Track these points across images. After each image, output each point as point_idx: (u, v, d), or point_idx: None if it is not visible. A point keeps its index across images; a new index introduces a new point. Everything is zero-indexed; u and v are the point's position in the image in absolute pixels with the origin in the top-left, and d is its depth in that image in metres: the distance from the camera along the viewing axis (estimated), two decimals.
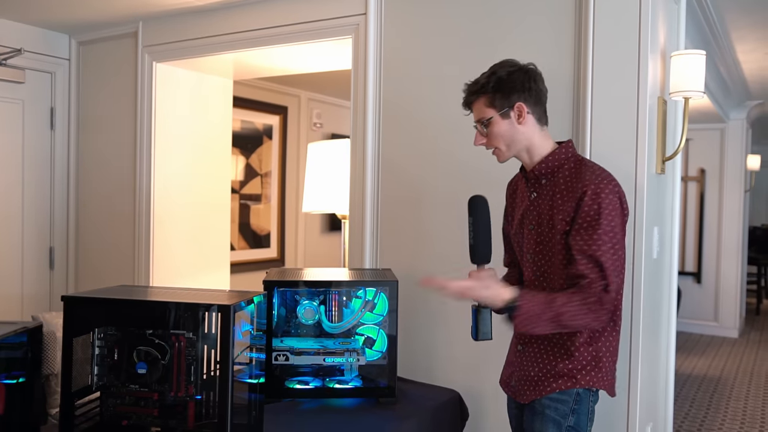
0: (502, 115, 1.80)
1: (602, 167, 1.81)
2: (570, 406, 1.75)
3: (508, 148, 1.84)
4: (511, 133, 1.81)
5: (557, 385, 1.76)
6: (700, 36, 3.86)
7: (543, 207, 1.82)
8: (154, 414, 1.67)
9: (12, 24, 3.48)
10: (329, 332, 2.19)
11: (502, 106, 1.80)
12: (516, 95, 1.79)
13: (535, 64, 1.87)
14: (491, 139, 1.84)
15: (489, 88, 1.81)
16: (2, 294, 3.53)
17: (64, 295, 1.62)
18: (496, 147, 1.84)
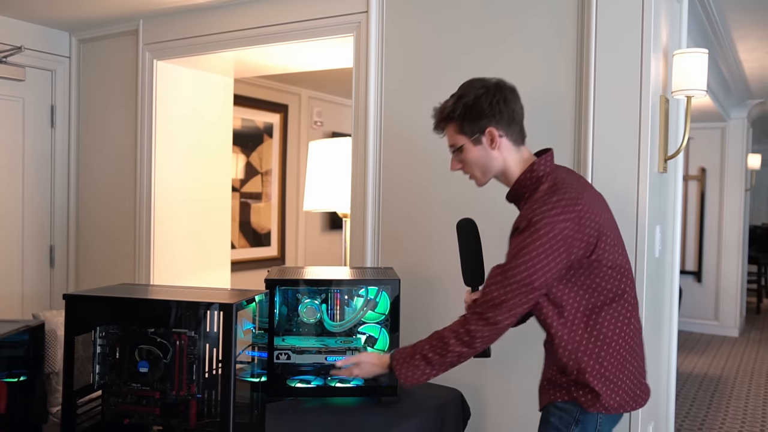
0: (473, 141, 1.75)
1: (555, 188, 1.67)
2: (575, 417, 1.69)
3: (483, 174, 1.79)
4: (485, 159, 1.76)
5: (559, 395, 1.72)
6: (702, 35, 3.86)
7: None
8: (155, 413, 1.67)
9: (12, 21, 3.47)
10: (331, 331, 2.19)
11: (473, 132, 1.74)
12: (485, 120, 1.73)
13: (504, 80, 1.79)
14: (465, 165, 1.80)
15: (456, 115, 1.75)
16: (2, 292, 3.53)
17: (65, 293, 1.61)
18: (471, 173, 1.81)
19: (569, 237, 1.61)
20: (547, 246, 1.60)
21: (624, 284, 1.71)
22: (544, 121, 2.40)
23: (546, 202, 1.63)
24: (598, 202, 1.74)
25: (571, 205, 1.62)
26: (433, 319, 2.62)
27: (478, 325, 1.67)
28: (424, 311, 2.63)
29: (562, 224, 1.60)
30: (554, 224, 1.60)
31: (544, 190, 1.68)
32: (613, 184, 2.25)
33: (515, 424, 2.47)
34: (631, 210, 2.25)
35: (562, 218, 1.60)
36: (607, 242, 1.67)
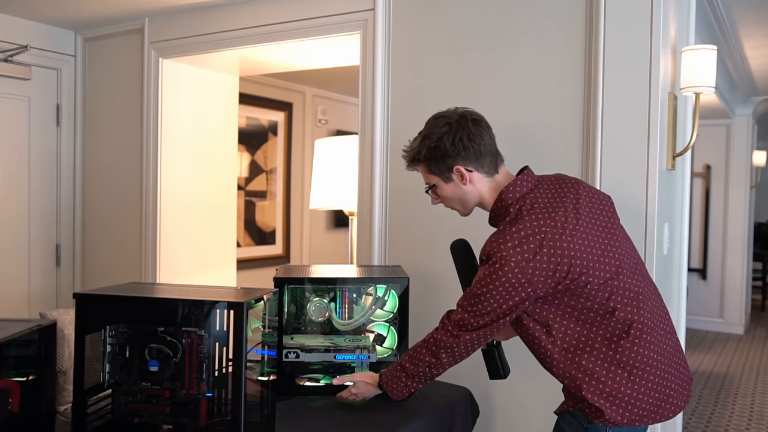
0: (444, 179, 1.77)
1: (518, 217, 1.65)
2: (583, 425, 1.66)
3: (463, 207, 1.82)
4: (460, 194, 1.78)
5: (571, 404, 1.70)
6: (709, 32, 3.85)
7: None
8: (165, 412, 1.67)
9: (18, 20, 3.47)
10: (339, 329, 2.19)
11: (441, 171, 1.76)
12: (451, 159, 1.73)
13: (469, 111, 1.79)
14: (444, 201, 1.83)
15: (422, 157, 1.77)
16: (10, 291, 3.53)
17: (76, 292, 1.61)
18: (452, 207, 1.84)
19: (527, 269, 1.56)
20: (504, 279, 1.58)
21: (615, 303, 1.62)
22: (552, 119, 2.39)
23: (504, 234, 1.62)
24: (580, 219, 1.65)
25: (530, 235, 1.58)
26: (440, 317, 2.62)
27: (442, 335, 1.75)
28: (432, 309, 2.62)
29: (519, 256, 1.57)
30: (509, 257, 1.57)
31: (507, 221, 1.67)
32: (621, 181, 2.25)
33: (524, 422, 2.47)
34: (640, 207, 2.24)
35: (519, 250, 1.57)
36: (583, 266, 1.59)
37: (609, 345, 1.62)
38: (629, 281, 1.65)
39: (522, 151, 2.34)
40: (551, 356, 1.66)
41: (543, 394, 2.40)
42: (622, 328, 1.62)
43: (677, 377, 1.69)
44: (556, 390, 1.79)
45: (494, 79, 2.52)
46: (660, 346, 1.66)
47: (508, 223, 1.65)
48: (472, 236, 2.47)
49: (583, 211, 1.67)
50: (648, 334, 1.64)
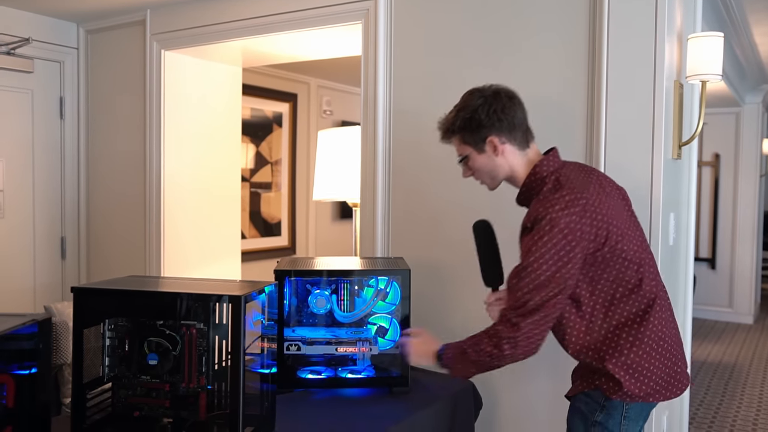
0: (477, 150, 1.80)
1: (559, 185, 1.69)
2: (600, 402, 1.70)
3: (492, 180, 1.84)
4: (491, 166, 1.81)
5: (587, 384, 1.74)
6: (717, 18, 3.79)
7: None
8: (165, 405, 1.66)
9: (20, 13, 3.46)
10: (341, 322, 2.17)
11: (475, 142, 1.79)
12: (485, 130, 1.77)
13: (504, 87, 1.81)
14: (475, 173, 1.85)
15: (457, 128, 1.81)
16: (15, 284, 3.54)
17: (73, 286, 1.61)
18: (481, 180, 1.86)
19: (576, 230, 1.61)
20: (555, 241, 1.60)
21: (642, 275, 1.69)
22: (556, 108, 2.36)
23: (549, 200, 1.65)
24: (608, 195, 1.74)
25: (574, 200, 1.63)
26: (444, 309, 2.61)
27: (502, 326, 1.67)
28: (435, 301, 2.62)
29: (567, 218, 1.61)
30: (559, 219, 1.60)
31: (547, 189, 1.70)
32: (626, 171, 2.22)
33: (527, 414, 2.46)
34: (645, 197, 2.21)
35: (567, 212, 1.61)
36: (619, 234, 1.67)
37: (635, 319, 1.68)
38: (651, 257, 1.77)
39: None
40: (577, 331, 1.70)
41: (545, 386, 2.39)
42: (647, 303, 1.68)
43: (682, 355, 1.78)
44: (560, 381, 1.78)
45: (497, 69, 2.49)
46: (671, 322, 1.76)
47: (549, 192, 1.69)
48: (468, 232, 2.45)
49: (607, 190, 1.77)
50: (665, 310, 1.73)
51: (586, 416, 1.73)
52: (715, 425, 4.10)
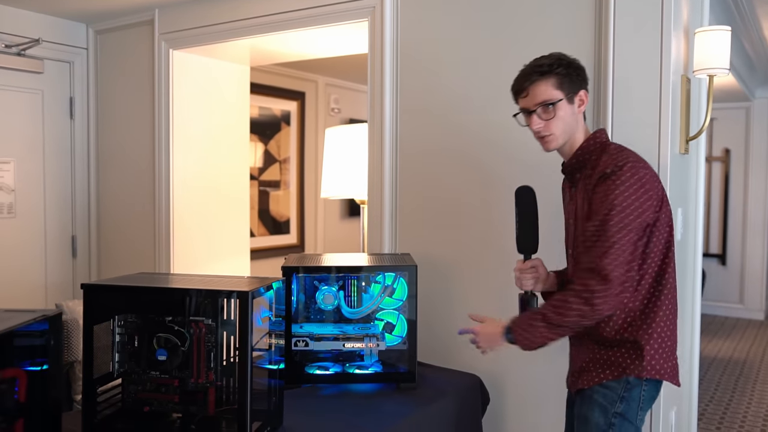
0: (567, 99, 1.77)
1: (624, 148, 1.78)
2: (619, 393, 1.73)
3: (562, 134, 1.79)
4: (571, 120, 1.79)
5: (605, 375, 1.75)
6: (725, 12, 3.77)
7: (579, 201, 1.80)
8: (175, 400, 1.68)
9: (30, 14, 3.49)
10: (349, 318, 2.19)
11: (570, 90, 1.77)
12: (581, 82, 1.80)
13: None
14: (552, 123, 1.77)
15: (559, 71, 1.76)
16: (27, 282, 3.58)
17: (83, 283, 1.63)
18: (551, 133, 1.78)
19: (648, 183, 1.67)
20: (637, 187, 1.65)
21: (669, 248, 1.76)
22: None
23: (625, 153, 1.72)
24: None
25: (645, 162, 1.73)
26: (452, 304, 2.61)
27: (592, 281, 1.64)
28: (442, 296, 2.62)
29: (644, 171, 1.68)
30: (638, 168, 1.67)
31: (615, 148, 1.76)
32: None
33: (535, 410, 2.46)
34: None
35: (643, 165, 1.70)
36: (666, 207, 1.75)
37: (663, 298, 1.74)
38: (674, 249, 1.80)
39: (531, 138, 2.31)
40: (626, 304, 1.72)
41: (553, 381, 2.39)
42: (674, 281, 1.77)
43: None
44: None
45: (503, 65, 2.49)
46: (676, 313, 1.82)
47: (618, 149, 1.75)
48: (475, 228, 2.47)
49: None
50: (675, 291, 1.80)
51: (606, 408, 1.73)
52: (725, 421, 4.09)
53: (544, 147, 1.82)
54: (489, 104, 2.53)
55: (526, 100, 1.79)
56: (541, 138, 1.80)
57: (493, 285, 2.50)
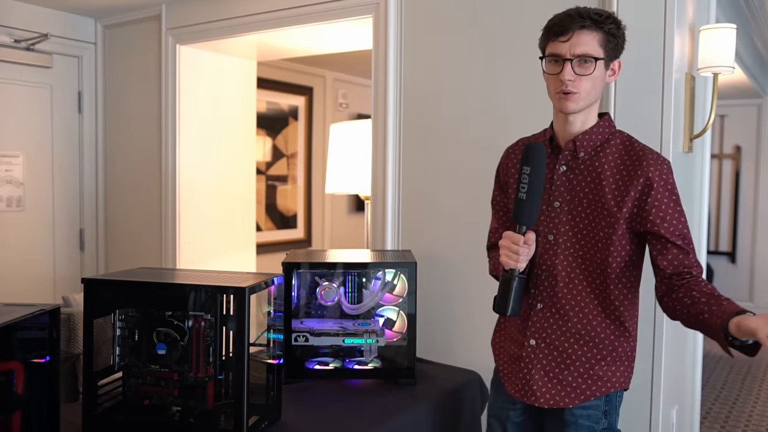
0: (606, 61, 1.59)
1: None
2: (602, 410, 1.66)
3: (585, 98, 1.59)
4: (600, 86, 1.61)
5: (591, 393, 1.63)
6: (735, 9, 3.74)
7: (579, 185, 1.64)
8: (174, 394, 1.70)
9: (38, 9, 3.52)
10: (349, 313, 2.20)
11: (611, 53, 1.60)
12: (620, 50, 1.64)
13: None
14: (584, 80, 1.57)
15: (610, 28, 1.58)
16: (35, 275, 3.62)
17: (83, 277, 1.65)
18: (579, 91, 1.57)
19: None
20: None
21: None
22: None
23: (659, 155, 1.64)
24: None
25: None
26: (451, 301, 2.62)
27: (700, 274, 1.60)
28: (443, 293, 2.63)
29: None
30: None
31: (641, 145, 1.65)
32: None
33: None
34: None
35: None
36: None
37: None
38: None
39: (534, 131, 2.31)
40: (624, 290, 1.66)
41: None
42: None
43: None
44: None
45: (506, 61, 2.49)
46: None
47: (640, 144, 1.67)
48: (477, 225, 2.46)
49: None
50: None
51: (593, 428, 1.66)
52: (730, 420, 4.07)
53: (565, 106, 1.59)
54: (494, 100, 2.52)
55: (563, 46, 1.56)
56: (564, 94, 1.58)
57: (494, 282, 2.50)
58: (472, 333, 2.55)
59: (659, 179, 1.58)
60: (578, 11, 1.57)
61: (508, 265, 1.61)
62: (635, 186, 1.58)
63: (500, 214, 1.88)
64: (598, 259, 1.62)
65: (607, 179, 1.61)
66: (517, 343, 1.74)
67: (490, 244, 1.91)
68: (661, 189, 1.57)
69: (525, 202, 1.56)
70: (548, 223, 1.67)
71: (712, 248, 7.12)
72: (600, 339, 1.64)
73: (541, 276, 1.68)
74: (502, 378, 1.78)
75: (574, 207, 1.65)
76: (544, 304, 1.68)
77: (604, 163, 1.63)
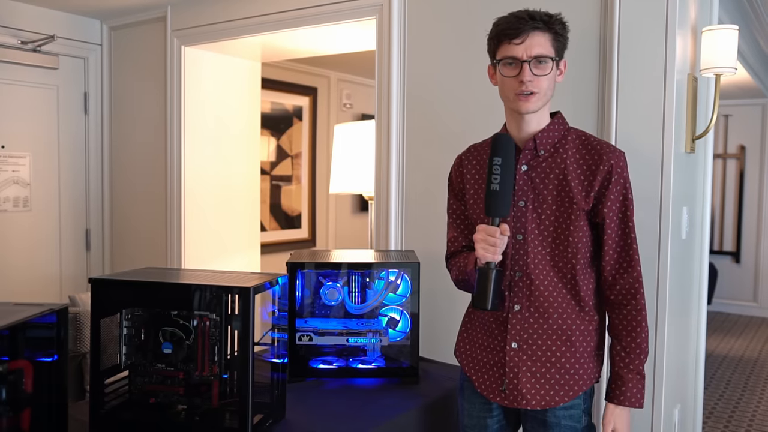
0: (556, 62, 1.61)
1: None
2: (581, 408, 1.68)
3: (543, 97, 1.62)
4: (553, 85, 1.64)
5: (579, 388, 1.65)
6: (738, 9, 3.74)
7: (542, 182, 1.64)
8: (180, 392, 1.72)
9: (45, 11, 3.55)
10: (353, 313, 2.22)
11: (559, 54, 1.63)
12: (565, 51, 1.66)
13: None
14: (542, 80, 1.59)
15: (557, 28, 1.61)
16: (42, 275, 3.65)
17: (91, 277, 1.67)
18: (538, 91, 1.59)
19: None
20: None
21: None
22: (566, 100, 2.37)
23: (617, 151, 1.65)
24: None
25: None
26: (454, 300, 2.63)
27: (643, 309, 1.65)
28: (446, 293, 2.64)
29: None
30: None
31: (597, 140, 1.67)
32: (636, 165, 2.22)
33: None
34: (655, 191, 2.21)
35: None
36: None
37: None
38: None
39: None
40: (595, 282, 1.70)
41: None
42: None
43: None
44: None
45: None
46: None
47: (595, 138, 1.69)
48: None
49: None
50: None
51: (575, 428, 1.67)
52: (733, 420, 4.08)
53: (524, 107, 1.60)
54: (496, 101, 2.53)
55: (519, 48, 1.58)
56: (524, 95, 1.59)
57: None
58: None
59: (616, 168, 1.62)
60: (528, 13, 1.61)
61: (485, 258, 1.57)
62: (598, 180, 1.62)
63: (458, 223, 1.91)
64: (568, 254, 1.64)
65: (571, 174, 1.63)
66: (491, 348, 1.73)
67: (449, 253, 1.93)
68: (618, 180, 1.62)
69: (498, 194, 1.54)
70: (515, 222, 1.67)
71: (716, 248, 7.12)
72: (577, 334, 1.66)
73: (515, 277, 1.67)
74: (477, 387, 1.77)
75: (539, 205, 1.66)
76: (522, 304, 1.67)
77: (566, 159, 1.65)
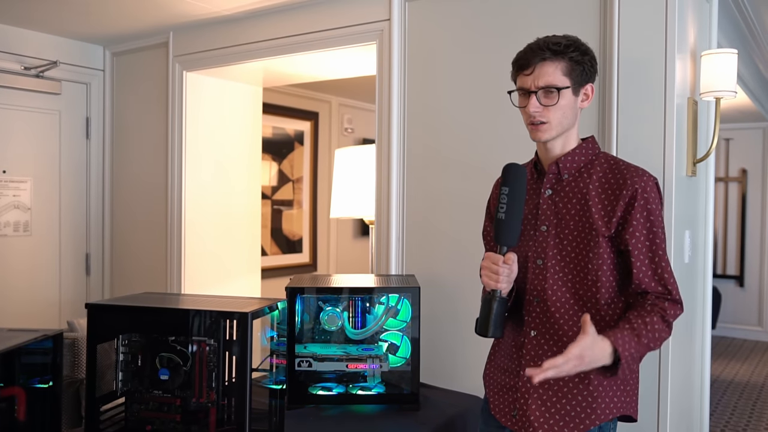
0: (574, 89, 1.60)
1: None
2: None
3: (557, 127, 1.60)
4: (571, 113, 1.61)
5: (591, 422, 1.56)
6: (737, 34, 3.77)
7: (565, 207, 1.63)
8: (176, 419, 1.70)
9: (48, 37, 3.58)
10: (353, 338, 2.20)
11: (579, 80, 1.60)
12: (591, 74, 1.63)
13: None
14: (551, 110, 1.58)
15: (574, 55, 1.58)
16: (41, 299, 3.63)
17: (87, 302, 1.65)
18: (548, 121, 1.59)
19: None
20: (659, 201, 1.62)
21: None
22: None
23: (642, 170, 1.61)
24: None
25: None
26: (455, 326, 2.61)
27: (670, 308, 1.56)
28: (446, 318, 2.62)
29: None
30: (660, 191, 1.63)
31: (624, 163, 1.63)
32: None
33: None
34: None
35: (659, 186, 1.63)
36: None
37: None
38: None
39: None
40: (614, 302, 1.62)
41: None
42: None
43: None
44: None
45: (509, 85, 2.50)
46: None
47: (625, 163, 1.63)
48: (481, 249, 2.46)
49: None
50: None
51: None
52: None
53: (536, 136, 1.62)
54: (497, 125, 2.54)
55: (528, 79, 1.60)
56: (534, 125, 1.61)
57: None
58: (476, 358, 2.54)
59: (641, 193, 1.56)
60: (539, 44, 1.61)
61: (488, 285, 1.57)
62: (621, 204, 1.57)
63: (491, 245, 1.84)
64: (588, 281, 1.58)
65: (593, 199, 1.59)
66: (509, 372, 1.70)
67: None
68: (641, 204, 1.56)
69: (504, 222, 1.54)
70: (536, 247, 1.65)
71: (719, 272, 7.08)
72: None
73: (533, 302, 1.65)
74: (492, 409, 1.73)
75: (561, 230, 1.63)
76: (538, 330, 1.63)
77: (589, 184, 1.61)
